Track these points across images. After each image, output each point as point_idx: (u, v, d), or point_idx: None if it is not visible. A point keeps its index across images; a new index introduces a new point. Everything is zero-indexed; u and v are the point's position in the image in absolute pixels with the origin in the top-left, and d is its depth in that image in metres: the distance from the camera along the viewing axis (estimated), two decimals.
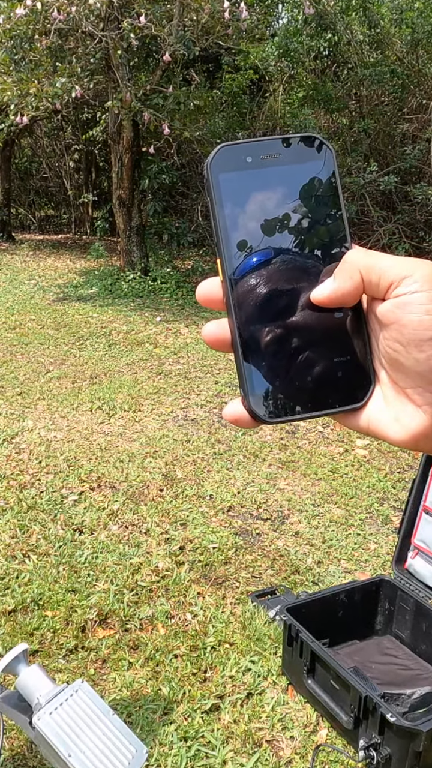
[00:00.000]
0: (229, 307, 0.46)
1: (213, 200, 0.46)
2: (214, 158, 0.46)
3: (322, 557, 3.40)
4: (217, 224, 0.46)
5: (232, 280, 0.46)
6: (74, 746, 1.15)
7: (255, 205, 0.46)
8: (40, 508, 3.71)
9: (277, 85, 11.94)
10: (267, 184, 0.47)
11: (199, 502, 3.86)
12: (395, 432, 0.46)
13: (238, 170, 0.47)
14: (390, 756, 2.12)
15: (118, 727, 1.20)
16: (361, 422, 0.48)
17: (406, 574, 2.80)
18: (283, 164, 0.47)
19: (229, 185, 0.46)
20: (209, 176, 0.46)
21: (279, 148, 0.47)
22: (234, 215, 0.46)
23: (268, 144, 0.47)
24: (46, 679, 1.24)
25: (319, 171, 0.48)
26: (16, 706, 1.25)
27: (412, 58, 10.67)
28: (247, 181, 0.47)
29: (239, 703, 2.45)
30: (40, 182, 15.98)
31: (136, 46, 7.78)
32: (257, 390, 0.46)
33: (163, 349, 6.94)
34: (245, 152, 0.47)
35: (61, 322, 7.85)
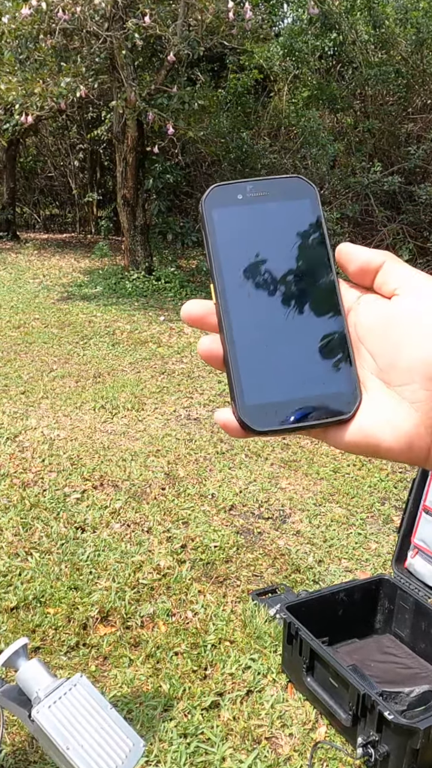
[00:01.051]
0: (221, 325, 0.50)
1: (206, 232, 0.51)
2: (207, 196, 0.51)
3: (323, 556, 3.42)
4: (209, 252, 0.50)
5: (225, 302, 0.50)
6: (72, 739, 1.17)
7: (245, 236, 0.51)
8: (42, 506, 3.73)
9: (282, 85, 11.95)
10: (256, 218, 0.52)
11: (201, 501, 3.88)
12: (389, 435, 0.46)
13: (230, 206, 0.51)
14: (388, 753, 2.13)
15: (115, 721, 1.22)
16: (348, 435, 0.48)
17: (405, 574, 2.81)
18: (270, 201, 0.52)
19: (221, 218, 0.51)
20: (203, 211, 0.51)
21: (267, 187, 0.52)
22: (226, 244, 0.51)
23: (257, 184, 0.52)
24: (46, 674, 1.25)
25: (304, 207, 0.53)
26: (16, 700, 1.26)
27: (417, 58, 10.67)
28: (238, 215, 0.51)
29: (239, 701, 2.47)
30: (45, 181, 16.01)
31: (140, 46, 7.80)
32: (247, 401, 0.49)
33: (166, 349, 6.96)
34: (236, 191, 0.52)
35: (65, 321, 7.87)
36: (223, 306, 0.50)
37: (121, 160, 9.28)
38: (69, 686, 1.23)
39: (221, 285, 0.50)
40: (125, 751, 1.19)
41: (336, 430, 0.49)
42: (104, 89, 9.03)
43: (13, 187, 14.03)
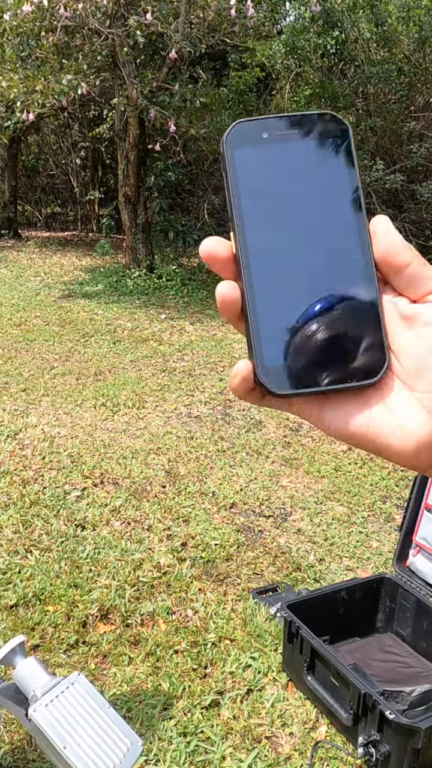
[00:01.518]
0: (240, 274, 0.46)
1: (228, 175, 0.46)
2: (229, 134, 0.47)
3: (324, 555, 3.40)
4: (230, 195, 0.46)
5: (246, 252, 0.46)
6: (69, 738, 1.15)
7: (270, 180, 0.47)
8: (42, 504, 3.71)
9: (284, 83, 11.92)
10: (282, 160, 0.47)
11: (201, 499, 3.87)
12: (399, 439, 0.44)
13: (254, 146, 0.47)
14: (389, 753, 2.12)
15: (113, 720, 1.20)
16: (360, 427, 0.46)
17: (407, 572, 2.79)
18: (298, 140, 0.47)
19: (244, 160, 0.47)
20: (224, 151, 0.47)
21: (294, 124, 0.48)
22: (248, 189, 0.47)
23: (283, 120, 0.48)
24: (43, 671, 1.24)
25: (335, 147, 0.48)
26: (13, 698, 1.25)
27: (420, 56, 10.63)
28: (263, 156, 0.47)
29: (239, 699, 2.45)
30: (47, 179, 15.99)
31: (142, 44, 7.78)
32: (268, 360, 0.46)
33: (167, 347, 6.94)
34: (261, 128, 0.47)
35: (66, 319, 7.86)
36: (243, 253, 0.46)
37: (123, 157, 9.26)
38: (66, 684, 1.22)
39: (242, 232, 0.46)
40: (123, 750, 1.17)
41: (345, 415, 0.46)
42: (106, 87, 9.02)
43: (15, 185, 14.02)
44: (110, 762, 1.15)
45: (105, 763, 1.15)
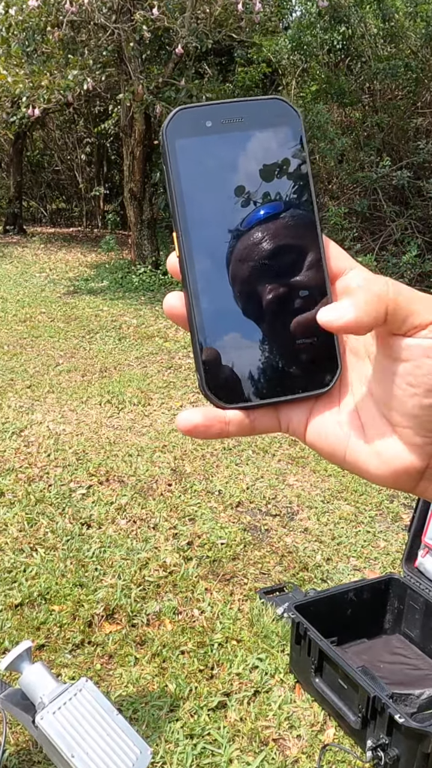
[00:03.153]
0: (185, 282, 0.43)
1: (169, 168, 0.43)
2: (170, 123, 0.43)
3: (331, 554, 3.38)
4: (173, 195, 0.43)
5: (190, 254, 0.43)
6: (77, 746, 1.13)
7: (214, 174, 0.43)
8: (48, 502, 3.69)
9: (290, 79, 11.87)
10: (228, 151, 0.43)
11: (207, 498, 3.84)
12: (375, 466, 0.43)
13: (197, 136, 0.43)
14: (398, 757, 2.09)
15: (122, 727, 1.18)
16: (337, 449, 0.44)
17: (416, 573, 2.77)
18: (246, 129, 0.44)
19: (186, 152, 0.43)
20: (164, 142, 0.43)
21: (242, 111, 0.44)
22: (192, 185, 0.43)
23: (229, 107, 0.44)
24: (50, 678, 1.22)
25: (285, 137, 0.44)
26: (19, 704, 1.23)
27: (427, 52, 10.57)
28: (207, 147, 0.43)
29: (246, 701, 2.43)
30: (52, 175, 15.98)
31: (148, 39, 7.74)
32: (214, 372, 0.43)
33: (173, 343, 6.92)
34: (204, 116, 0.43)
35: (72, 315, 7.84)
36: (187, 260, 0.43)
37: (129, 153, 9.23)
38: (74, 691, 1.19)
39: (185, 235, 0.43)
40: (132, 759, 1.15)
41: (320, 429, 0.44)
42: (111, 82, 8.98)
43: (20, 181, 14.00)
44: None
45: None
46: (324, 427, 0.44)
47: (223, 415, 0.44)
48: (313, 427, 0.45)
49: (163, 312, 0.45)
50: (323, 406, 0.45)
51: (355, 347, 0.45)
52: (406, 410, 0.41)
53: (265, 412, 0.45)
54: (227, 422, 0.44)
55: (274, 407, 0.45)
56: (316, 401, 0.45)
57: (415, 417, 0.41)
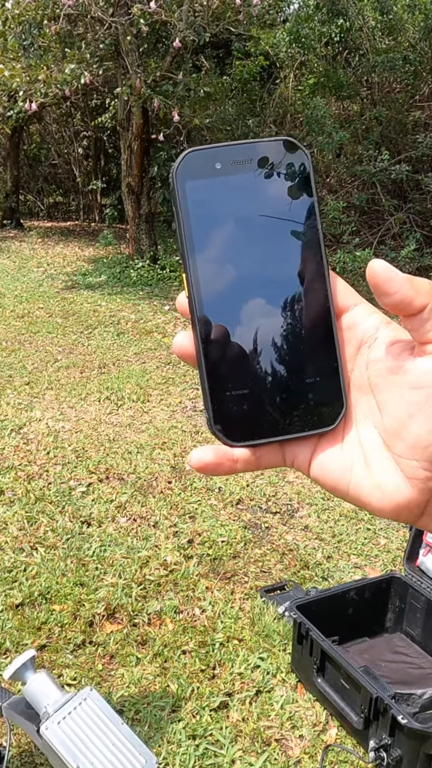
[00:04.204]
0: (194, 324, 0.44)
1: (179, 210, 0.44)
2: (180, 165, 0.44)
3: (332, 552, 3.37)
4: (182, 237, 0.43)
5: (199, 295, 0.44)
6: (82, 757, 1.13)
7: (224, 217, 0.44)
8: (47, 500, 3.69)
9: (288, 72, 11.82)
10: (238, 193, 0.44)
11: (207, 495, 3.84)
12: (377, 500, 0.43)
13: (207, 178, 0.44)
14: (401, 758, 2.09)
15: (127, 737, 1.17)
16: (340, 483, 0.45)
17: (417, 572, 2.76)
18: (255, 170, 0.44)
19: (196, 194, 0.44)
20: (175, 184, 0.44)
21: (251, 152, 0.44)
22: (201, 227, 0.44)
23: (239, 149, 0.44)
24: (54, 687, 1.21)
25: (294, 176, 0.45)
26: (23, 714, 1.22)
27: (425, 45, 10.52)
28: (216, 189, 0.44)
29: (248, 701, 2.43)
30: (49, 169, 15.92)
31: (145, 32, 7.69)
32: (222, 413, 0.44)
33: (171, 339, 6.88)
34: (214, 158, 0.44)
35: (70, 311, 7.82)
36: (195, 300, 0.44)
37: (126, 147, 9.19)
38: (79, 700, 1.19)
39: (195, 277, 0.44)
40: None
41: (324, 464, 0.45)
42: (109, 76, 8.94)
43: (17, 175, 13.95)
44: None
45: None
46: (327, 462, 0.45)
47: (232, 453, 0.45)
48: (317, 463, 0.46)
49: (173, 350, 0.46)
50: (327, 442, 0.46)
51: (359, 383, 0.45)
52: (414, 440, 0.41)
53: (271, 449, 0.46)
54: (235, 460, 0.45)
55: (280, 444, 0.46)
56: (321, 437, 0.46)
57: (422, 448, 0.41)
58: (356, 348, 0.45)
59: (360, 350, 0.45)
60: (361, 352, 0.45)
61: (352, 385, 0.46)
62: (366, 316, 0.45)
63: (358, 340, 0.45)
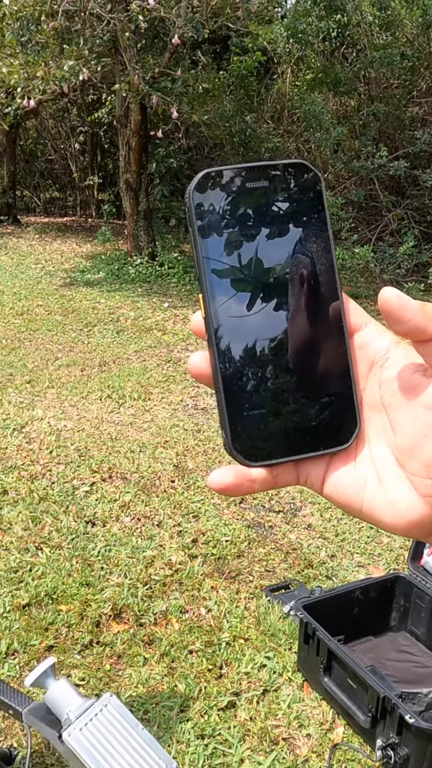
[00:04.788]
0: (211, 345, 0.45)
1: (194, 231, 0.44)
2: (196, 185, 0.44)
3: (336, 551, 3.40)
4: (198, 257, 0.44)
5: (215, 316, 0.44)
6: (104, 762, 1.14)
7: (239, 238, 0.45)
8: (51, 500, 3.70)
9: (286, 67, 11.81)
10: (252, 214, 0.45)
11: (211, 494, 3.85)
12: (390, 517, 0.44)
13: (222, 199, 0.45)
14: (408, 756, 2.11)
15: (147, 742, 1.19)
16: (354, 500, 0.46)
17: (421, 571, 2.79)
18: (269, 192, 0.45)
19: (211, 215, 0.44)
20: (191, 205, 0.44)
21: (265, 174, 0.46)
22: (217, 247, 0.44)
23: (254, 170, 0.45)
24: (75, 694, 1.23)
25: (306, 199, 0.46)
26: (45, 720, 1.24)
27: (423, 41, 10.53)
28: (231, 210, 0.45)
29: (255, 700, 2.45)
30: (46, 164, 15.87)
31: (144, 29, 7.68)
32: (239, 433, 0.45)
33: (171, 336, 6.91)
34: (229, 179, 0.45)
35: (69, 308, 7.82)
36: (213, 322, 0.44)
37: (124, 144, 9.18)
38: (100, 707, 1.20)
39: (210, 297, 0.44)
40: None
41: (337, 482, 0.46)
42: (107, 72, 8.92)
43: (14, 171, 13.91)
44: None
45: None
46: (341, 480, 0.46)
47: (250, 474, 0.45)
48: (331, 481, 0.47)
49: (188, 370, 0.46)
50: (340, 461, 0.47)
51: (372, 401, 0.46)
52: (428, 459, 0.42)
53: (286, 468, 0.47)
54: (254, 480, 0.45)
55: (294, 462, 0.47)
56: (333, 455, 0.47)
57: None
58: (368, 367, 0.46)
59: (372, 369, 0.46)
60: (373, 371, 0.46)
61: (364, 404, 0.47)
62: (377, 335, 0.46)
63: (370, 360, 0.46)
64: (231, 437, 0.44)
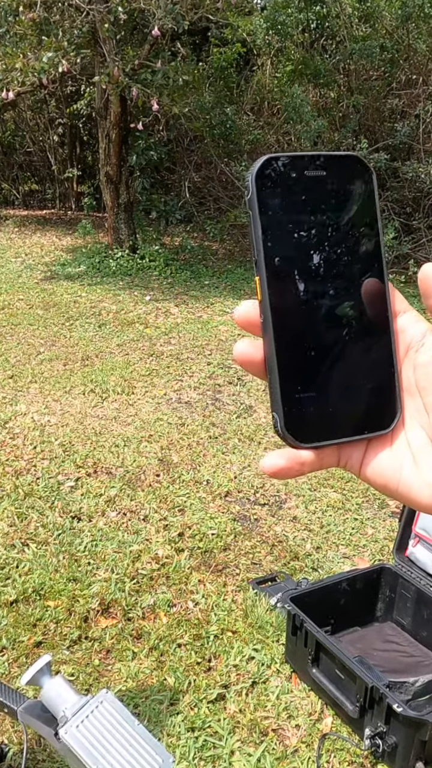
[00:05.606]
0: (267, 329, 0.46)
1: (254, 214, 0.45)
2: (258, 170, 0.45)
3: (321, 543, 3.42)
4: (257, 240, 0.45)
5: (272, 301, 0.46)
6: (101, 758, 1.15)
7: (297, 224, 0.46)
8: (37, 495, 3.69)
9: (266, 59, 11.78)
10: (310, 202, 0.46)
11: (196, 488, 3.86)
12: (427, 496, 0.46)
13: (282, 185, 0.46)
14: (396, 745, 2.14)
15: (143, 737, 1.20)
16: (390, 481, 0.48)
17: (407, 562, 2.82)
18: (326, 182, 0.47)
19: (271, 200, 0.45)
20: (252, 190, 0.45)
21: (323, 164, 0.47)
22: (275, 232, 0.45)
23: (312, 159, 0.47)
24: (71, 691, 1.23)
25: (360, 192, 0.48)
26: (40, 717, 1.24)
27: (402, 33, 10.54)
28: (290, 197, 0.46)
29: (244, 692, 2.47)
30: (24, 157, 15.72)
31: (123, 20, 7.62)
32: (291, 416, 0.46)
33: (153, 330, 6.90)
34: (291, 166, 0.46)
35: (50, 302, 7.77)
36: (271, 306, 0.45)
37: (104, 136, 9.12)
38: (95, 703, 1.21)
39: (268, 283, 0.45)
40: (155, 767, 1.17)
41: (375, 464, 0.48)
42: (86, 64, 8.84)
43: None
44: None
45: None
46: (379, 462, 0.48)
47: (299, 456, 0.47)
48: (369, 463, 0.48)
49: (235, 356, 0.47)
50: (378, 443, 0.49)
51: (407, 385, 0.48)
52: None
53: (331, 451, 0.48)
54: (303, 462, 0.47)
55: (338, 446, 0.48)
56: (372, 439, 0.49)
57: None
58: (404, 352, 0.48)
59: (408, 354, 0.48)
60: (408, 355, 0.48)
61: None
62: (414, 322, 0.48)
63: (406, 345, 0.48)
64: (284, 419, 0.46)
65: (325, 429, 0.47)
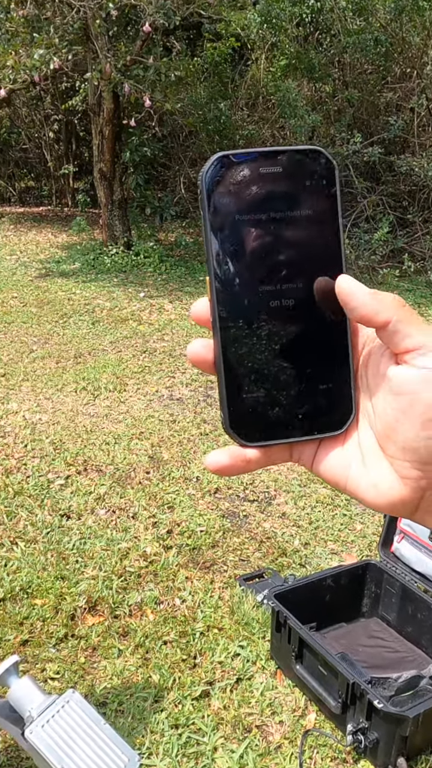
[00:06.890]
0: (215, 327, 0.46)
1: (205, 215, 0.45)
2: (209, 170, 0.45)
3: (309, 539, 3.43)
4: (208, 241, 0.45)
5: (220, 299, 0.45)
6: (66, 758, 1.16)
7: (248, 223, 0.45)
8: (26, 494, 3.70)
9: (260, 53, 11.75)
10: (263, 200, 0.45)
11: (186, 485, 3.87)
12: (372, 497, 0.47)
13: (234, 184, 0.45)
14: (377, 740, 2.16)
15: (110, 737, 1.21)
16: (339, 479, 0.48)
17: (392, 558, 2.83)
18: (281, 179, 0.46)
19: (221, 199, 0.45)
20: (203, 189, 0.45)
21: (279, 161, 0.46)
22: (226, 232, 0.45)
23: (267, 156, 0.46)
24: (38, 691, 1.24)
25: (320, 187, 0.46)
26: (9, 718, 1.25)
27: (396, 26, 10.52)
28: (242, 195, 0.45)
29: (229, 689, 2.48)
30: (20, 153, 15.70)
31: (115, 16, 7.61)
32: (237, 415, 0.46)
33: (147, 326, 6.90)
34: (243, 164, 0.45)
35: (44, 299, 7.78)
36: (218, 305, 0.45)
37: (98, 133, 9.11)
38: (62, 703, 1.22)
39: (217, 281, 0.45)
40: (120, 767, 1.18)
41: (326, 462, 0.48)
42: (78, 60, 8.83)
43: None
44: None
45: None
46: (329, 460, 0.49)
47: (245, 454, 0.47)
48: (321, 461, 0.49)
49: (188, 355, 0.47)
50: (330, 442, 0.49)
51: (362, 385, 0.49)
52: (403, 443, 0.44)
53: (281, 448, 0.49)
54: (248, 460, 0.47)
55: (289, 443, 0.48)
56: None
57: (412, 450, 0.44)
58: (361, 351, 0.48)
59: (362, 354, 0.48)
60: (362, 355, 0.48)
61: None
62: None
63: (362, 344, 0.48)
64: (229, 417, 0.46)
65: (273, 429, 0.47)
